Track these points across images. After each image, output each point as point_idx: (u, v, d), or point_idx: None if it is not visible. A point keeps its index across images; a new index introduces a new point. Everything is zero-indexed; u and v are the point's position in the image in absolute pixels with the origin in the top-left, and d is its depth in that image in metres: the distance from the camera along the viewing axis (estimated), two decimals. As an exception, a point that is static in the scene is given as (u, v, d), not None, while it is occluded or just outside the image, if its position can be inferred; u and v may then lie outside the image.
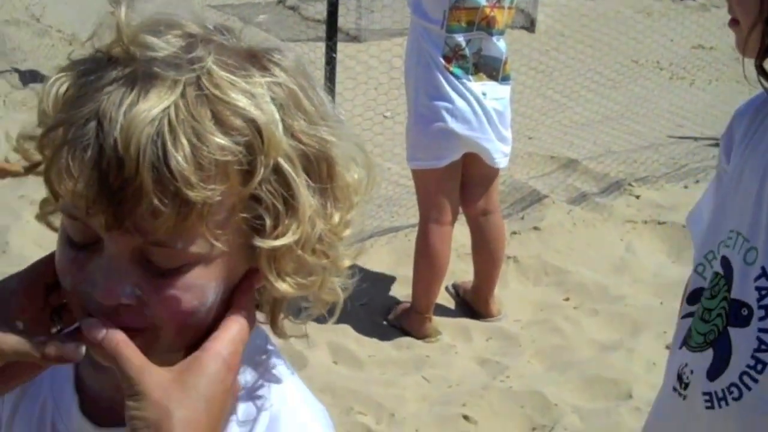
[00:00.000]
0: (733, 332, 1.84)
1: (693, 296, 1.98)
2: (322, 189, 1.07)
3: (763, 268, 1.80)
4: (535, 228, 5.80)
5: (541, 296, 5.29)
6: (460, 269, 5.20)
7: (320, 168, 1.07)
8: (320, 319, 4.13)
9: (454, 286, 5.15)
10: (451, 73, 4.54)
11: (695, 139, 7.55)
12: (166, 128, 0.97)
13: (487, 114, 4.59)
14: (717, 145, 7.32)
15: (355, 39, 8.65)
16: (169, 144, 0.97)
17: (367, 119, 6.20)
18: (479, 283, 4.98)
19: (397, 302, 5.01)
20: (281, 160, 1.03)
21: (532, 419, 4.27)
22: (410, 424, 4.16)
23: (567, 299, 5.27)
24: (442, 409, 4.25)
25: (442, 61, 4.53)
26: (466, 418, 4.19)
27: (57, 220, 1.11)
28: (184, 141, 0.97)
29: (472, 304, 5.03)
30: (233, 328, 1.07)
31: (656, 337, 4.91)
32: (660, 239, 5.92)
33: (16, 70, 7.87)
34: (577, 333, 4.95)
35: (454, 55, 4.54)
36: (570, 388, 4.47)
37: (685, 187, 6.58)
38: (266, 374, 1.17)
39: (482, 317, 5.00)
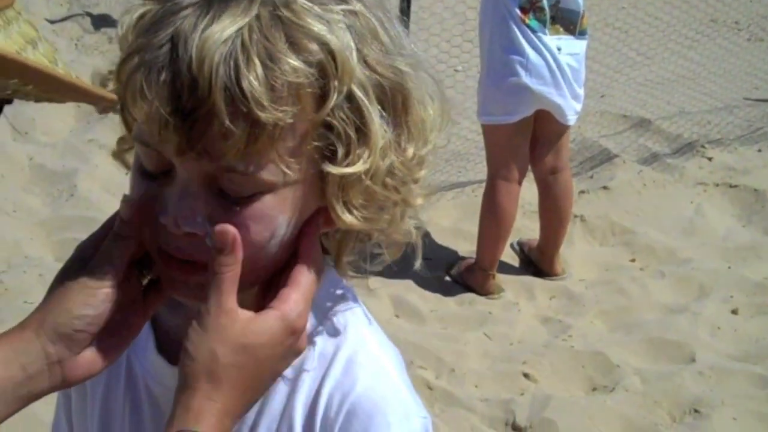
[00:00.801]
0: None
1: None
2: (396, 121, 1.06)
3: None
4: (604, 187, 5.74)
5: (607, 256, 5.25)
6: (525, 227, 5.18)
7: (395, 100, 1.05)
8: (382, 271, 4.15)
9: (519, 243, 5.13)
10: (527, 25, 4.49)
11: (772, 101, 7.41)
12: (238, 48, 0.97)
13: (561, 69, 4.54)
14: (794, 108, 7.21)
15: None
16: (241, 64, 0.97)
17: (438, 72, 6.10)
18: (545, 242, 4.96)
19: (461, 258, 5.00)
20: (354, 88, 1.02)
21: (592, 379, 4.27)
22: (470, 379, 4.17)
23: (633, 260, 5.22)
24: (502, 366, 4.26)
25: (519, 12, 4.48)
26: (526, 375, 4.20)
27: (131, 158, 1.12)
28: (257, 61, 0.97)
29: (537, 263, 5.02)
30: (302, 283, 1.06)
31: (722, 302, 4.87)
32: (731, 203, 5.84)
33: (89, 14, 7.94)
34: (642, 295, 4.91)
35: (531, 6, 4.49)
36: (632, 350, 4.45)
37: (759, 150, 6.48)
38: (342, 317, 1.17)
39: (546, 276, 4.98)
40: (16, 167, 5.25)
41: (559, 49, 4.53)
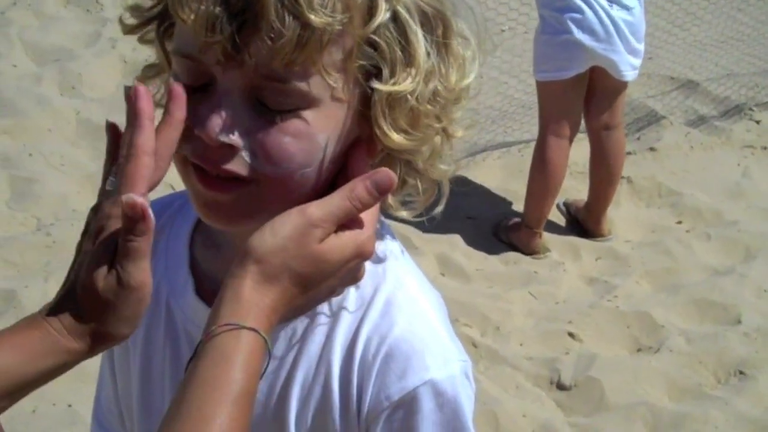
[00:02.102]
0: None
1: None
2: (438, 47, 1.06)
3: None
4: (651, 149, 5.70)
5: (653, 218, 5.22)
6: (572, 187, 5.16)
7: (436, 27, 1.06)
8: (428, 229, 4.20)
9: (566, 203, 5.11)
10: None
11: (822, 64, 7.29)
12: None
13: (615, 24, 4.50)
14: None
15: (475, -50, 8.50)
16: None
17: (485, 29, 6.06)
18: (593, 201, 4.94)
19: (507, 217, 4.99)
20: (400, 8, 1.03)
21: (637, 339, 4.26)
22: (515, 338, 4.18)
23: (680, 222, 5.19)
24: (547, 325, 4.26)
25: None
26: (571, 335, 4.20)
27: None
28: None
29: (584, 223, 5.00)
30: (373, 207, 1.04)
31: (770, 264, 4.83)
32: (779, 165, 5.78)
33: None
34: (689, 256, 4.88)
35: None
36: (678, 311, 4.43)
37: (809, 113, 6.39)
38: (382, 259, 1.16)
39: (592, 236, 4.96)
40: (63, 122, 5.29)
41: (611, 4, 4.49)
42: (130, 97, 0.99)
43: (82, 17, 6.51)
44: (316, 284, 1.02)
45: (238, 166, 1.02)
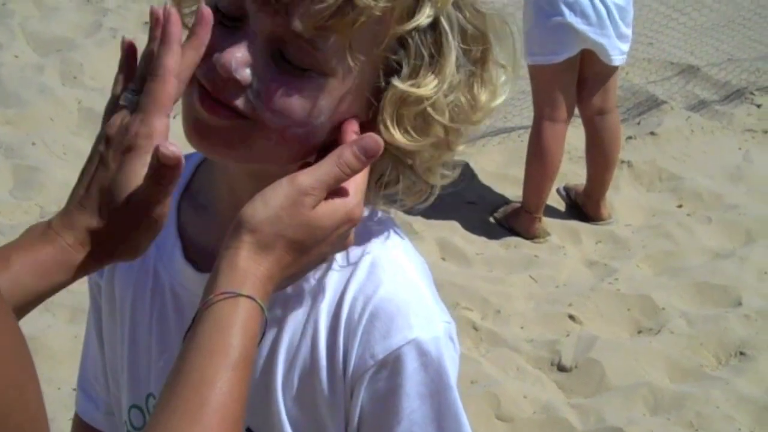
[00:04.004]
0: None
1: None
2: (474, 65, 1.09)
3: None
4: (652, 133, 5.71)
5: (653, 202, 5.24)
6: (572, 172, 5.17)
7: (475, 45, 1.09)
8: (428, 214, 4.22)
9: (566, 188, 5.12)
10: None
11: (824, 48, 7.29)
12: None
13: (607, 8, 4.51)
14: None
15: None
16: None
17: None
18: (591, 185, 4.95)
19: (507, 202, 5.01)
20: (443, 19, 1.06)
21: (638, 322, 4.27)
22: (515, 321, 4.19)
23: (680, 206, 5.20)
24: (548, 307, 4.28)
25: None
26: (572, 317, 4.21)
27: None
28: None
29: (583, 207, 5.01)
30: (360, 174, 1.06)
31: (771, 247, 4.84)
32: (780, 149, 5.78)
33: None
34: (689, 240, 4.89)
35: None
36: (679, 293, 4.44)
37: (810, 97, 6.39)
38: (369, 225, 1.19)
39: (592, 220, 4.97)
40: (65, 111, 5.32)
41: None
42: (159, 18, 1.02)
43: (82, 7, 6.54)
44: (308, 250, 1.04)
45: (241, 101, 1.05)
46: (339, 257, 1.17)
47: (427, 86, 1.06)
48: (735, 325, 4.21)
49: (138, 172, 1.01)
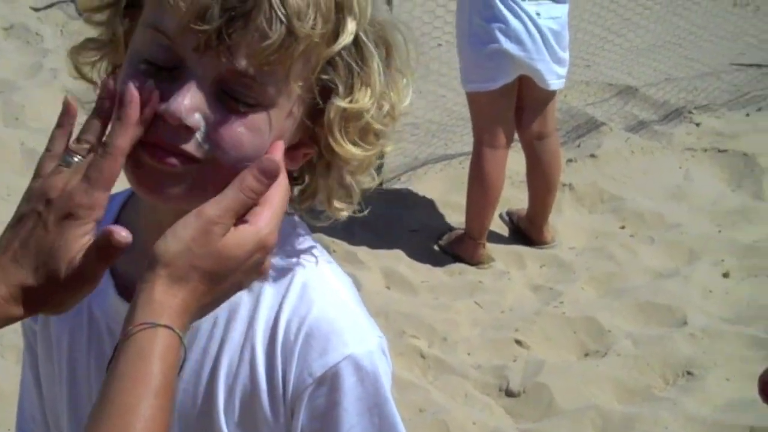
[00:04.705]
0: None
1: None
2: (385, 71, 1.15)
3: None
4: (592, 155, 5.74)
5: (596, 224, 5.26)
6: (514, 197, 5.18)
7: (382, 52, 1.15)
8: (373, 243, 4.18)
9: (508, 213, 5.13)
10: None
11: (758, 66, 7.38)
12: None
13: (542, 34, 4.54)
14: (780, 70, 7.20)
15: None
16: None
17: (421, 44, 6.13)
18: (533, 210, 4.96)
19: (450, 229, 5.00)
20: (361, 33, 1.11)
21: (584, 344, 4.27)
22: (462, 347, 4.18)
23: (623, 227, 5.23)
24: (494, 333, 4.27)
25: None
26: (518, 342, 4.20)
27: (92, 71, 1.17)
28: None
29: (526, 231, 5.01)
30: (275, 203, 1.09)
31: (713, 265, 4.87)
32: (720, 167, 5.84)
33: (73, 1, 7.91)
34: (632, 260, 4.91)
35: None
36: (624, 315, 4.45)
37: (747, 114, 6.48)
38: (295, 248, 1.23)
39: (536, 244, 4.98)
40: (9, 152, 5.30)
41: (538, 14, 4.55)
42: (112, 93, 1.07)
43: (22, 49, 6.50)
44: (222, 280, 1.06)
45: (192, 147, 1.08)
46: (271, 281, 1.20)
47: (364, 99, 1.12)
48: (681, 345, 4.22)
49: (78, 240, 1.05)
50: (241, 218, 1.07)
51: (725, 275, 4.85)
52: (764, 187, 5.62)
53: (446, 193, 5.33)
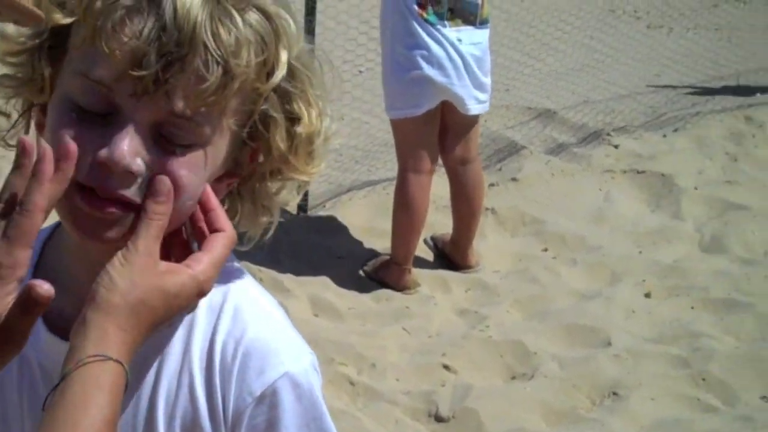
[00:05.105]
0: None
1: None
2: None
3: None
4: (513, 179, 5.80)
5: (519, 247, 5.31)
6: (438, 222, 5.21)
7: (310, 77, 1.18)
8: (299, 271, 4.17)
9: (433, 238, 5.16)
10: (426, 20, 4.54)
11: (674, 87, 7.56)
12: (215, 4, 1.07)
13: (463, 60, 4.59)
14: (696, 93, 7.38)
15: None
16: (221, 17, 1.07)
17: (344, 71, 6.16)
18: (458, 234, 4.99)
19: (376, 255, 5.01)
20: (294, 62, 1.14)
21: (511, 367, 4.30)
22: (391, 373, 4.18)
23: (545, 249, 5.29)
24: (422, 358, 4.28)
25: (417, 8, 4.54)
26: (446, 367, 4.22)
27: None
28: (236, 16, 1.08)
29: (451, 256, 5.05)
30: (217, 251, 1.13)
31: (635, 286, 4.95)
32: (639, 188, 5.94)
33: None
34: (556, 283, 4.97)
35: (428, 1, 4.54)
36: (549, 337, 4.50)
37: (664, 135, 6.61)
38: (224, 272, 1.22)
39: (461, 268, 5.02)
40: None
41: (459, 40, 4.60)
42: (28, 152, 1.04)
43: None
44: (164, 316, 1.10)
45: (133, 192, 1.09)
46: (203, 306, 1.21)
47: (311, 122, 1.16)
48: (606, 366, 4.28)
49: (1, 300, 1.04)
50: (182, 258, 1.11)
51: (647, 295, 4.93)
52: (683, 207, 5.73)
53: (371, 219, 5.34)
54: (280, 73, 1.12)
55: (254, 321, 1.22)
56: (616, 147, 6.32)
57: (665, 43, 8.58)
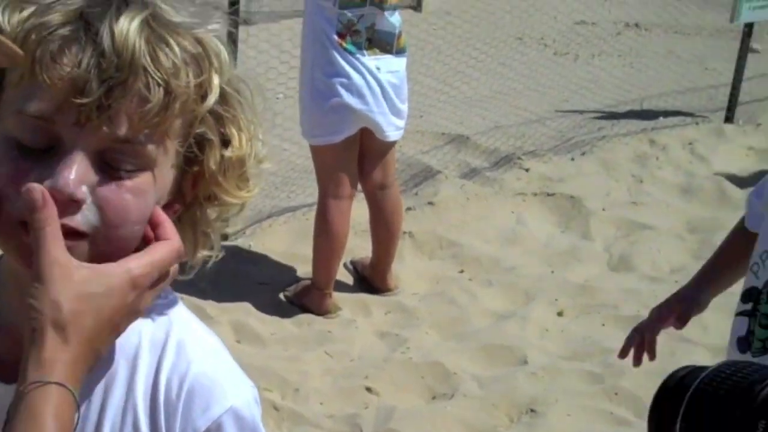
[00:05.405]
0: None
1: (746, 295, 2.02)
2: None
3: None
4: (430, 203, 5.90)
5: (436, 269, 5.41)
6: (357, 246, 5.28)
7: (242, 102, 1.20)
8: (221, 298, 4.20)
9: (352, 262, 5.24)
10: (345, 49, 4.61)
11: (581, 112, 7.76)
12: (150, 30, 1.08)
13: (382, 87, 4.68)
14: (602, 117, 7.59)
15: (245, 22, 8.65)
16: (157, 40, 1.08)
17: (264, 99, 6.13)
18: (377, 258, 5.08)
19: (297, 280, 5.07)
20: (225, 86, 1.16)
21: (432, 388, 4.39)
22: (314, 398, 4.23)
23: (462, 271, 5.40)
24: (345, 382, 4.34)
25: (336, 37, 4.60)
26: (369, 390, 4.29)
27: None
28: (171, 41, 1.09)
29: (370, 280, 5.13)
30: (157, 252, 1.12)
31: (548, 305, 5.09)
32: (549, 210, 6.09)
33: None
34: (473, 304, 5.08)
35: (347, 31, 4.61)
36: (468, 357, 4.60)
37: (572, 159, 6.77)
38: (166, 307, 1.25)
39: (380, 292, 5.09)
40: None
41: (378, 68, 4.68)
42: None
43: None
44: (100, 322, 1.07)
45: (79, 221, 1.09)
46: (146, 343, 1.21)
47: (241, 146, 1.17)
48: (523, 384, 4.39)
49: None
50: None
51: (560, 314, 5.07)
52: (591, 227, 5.90)
53: (292, 244, 5.39)
54: (213, 96, 1.14)
55: (198, 356, 1.22)
56: (526, 170, 6.48)
57: (572, 69, 8.79)
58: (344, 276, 5.16)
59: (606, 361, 4.58)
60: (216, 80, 1.14)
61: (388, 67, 4.73)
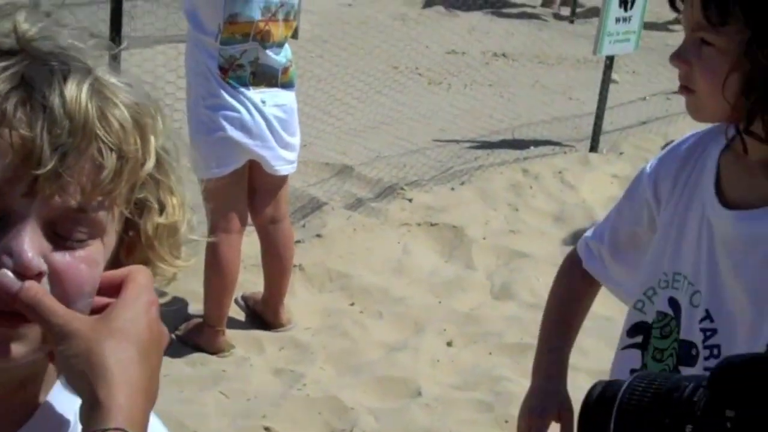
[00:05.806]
0: (684, 371, 1.92)
1: (633, 330, 2.05)
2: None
3: (707, 310, 1.89)
4: (318, 235, 5.92)
5: (327, 302, 5.43)
6: (247, 281, 5.26)
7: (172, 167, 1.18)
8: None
9: (244, 297, 5.20)
10: (228, 83, 4.61)
11: (457, 142, 7.89)
12: (98, 95, 1.06)
13: (267, 121, 4.67)
14: (477, 147, 7.74)
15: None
16: (107, 105, 1.06)
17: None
18: (269, 293, 5.06)
19: (188, 318, 5.02)
20: (160, 151, 1.13)
21: (330, 424, 4.41)
22: (213, 439, 4.21)
23: (352, 304, 5.43)
24: (243, 422, 4.31)
25: (219, 71, 4.59)
26: (267, 429, 4.27)
27: None
28: (119, 104, 1.08)
29: (263, 315, 5.10)
30: (139, 277, 1.12)
31: (438, 335, 5.16)
32: (433, 240, 6.17)
33: None
34: (365, 336, 5.12)
35: (230, 66, 4.60)
36: (363, 390, 4.63)
37: (452, 188, 6.86)
38: None
39: (273, 327, 5.07)
40: None
41: (263, 102, 4.67)
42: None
43: None
44: (139, 345, 1.10)
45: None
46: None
47: (175, 212, 1.15)
48: (418, 415, 4.45)
49: None
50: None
51: (449, 344, 5.15)
52: (473, 256, 6.01)
53: (183, 282, 5.32)
54: (152, 160, 1.11)
55: None
56: (410, 201, 6.55)
57: (446, 98, 8.93)
58: (236, 312, 5.12)
59: (495, 389, 4.68)
60: (153, 143, 1.12)
61: (275, 101, 4.73)
